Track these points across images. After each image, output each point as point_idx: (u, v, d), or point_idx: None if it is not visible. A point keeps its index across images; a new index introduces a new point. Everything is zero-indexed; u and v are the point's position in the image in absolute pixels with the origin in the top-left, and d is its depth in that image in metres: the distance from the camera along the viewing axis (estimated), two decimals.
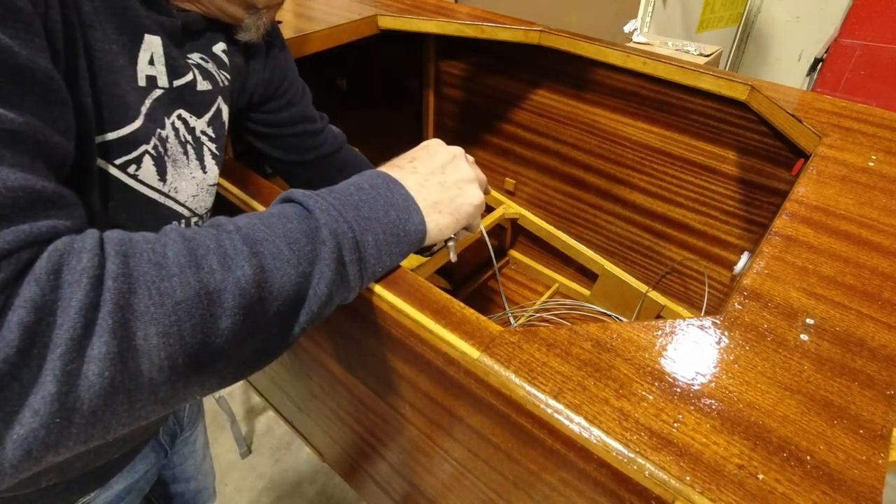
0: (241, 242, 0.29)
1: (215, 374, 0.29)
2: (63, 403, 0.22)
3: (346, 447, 0.76)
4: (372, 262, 0.36)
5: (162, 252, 0.27)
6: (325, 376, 0.62)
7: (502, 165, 1.12)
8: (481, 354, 0.34)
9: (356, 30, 0.89)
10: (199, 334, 0.26)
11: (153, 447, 0.58)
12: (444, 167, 0.42)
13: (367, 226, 0.35)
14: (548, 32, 0.86)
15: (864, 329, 0.36)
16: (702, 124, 0.79)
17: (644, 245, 0.97)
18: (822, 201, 0.48)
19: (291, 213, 0.33)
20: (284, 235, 0.31)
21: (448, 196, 0.41)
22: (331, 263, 0.32)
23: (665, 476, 0.28)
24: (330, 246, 0.33)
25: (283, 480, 1.30)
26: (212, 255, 0.28)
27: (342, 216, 0.34)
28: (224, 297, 0.27)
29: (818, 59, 1.65)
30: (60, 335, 0.22)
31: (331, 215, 0.33)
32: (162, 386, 0.26)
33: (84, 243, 0.24)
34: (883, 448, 0.29)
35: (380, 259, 0.36)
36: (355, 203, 0.36)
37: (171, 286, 0.25)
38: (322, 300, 0.32)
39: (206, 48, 0.47)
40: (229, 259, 0.28)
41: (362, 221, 0.35)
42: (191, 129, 0.43)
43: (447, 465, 0.49)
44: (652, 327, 0.36)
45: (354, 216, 0.35)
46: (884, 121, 0.61)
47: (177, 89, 0.41)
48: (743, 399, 0.31)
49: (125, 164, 0.37)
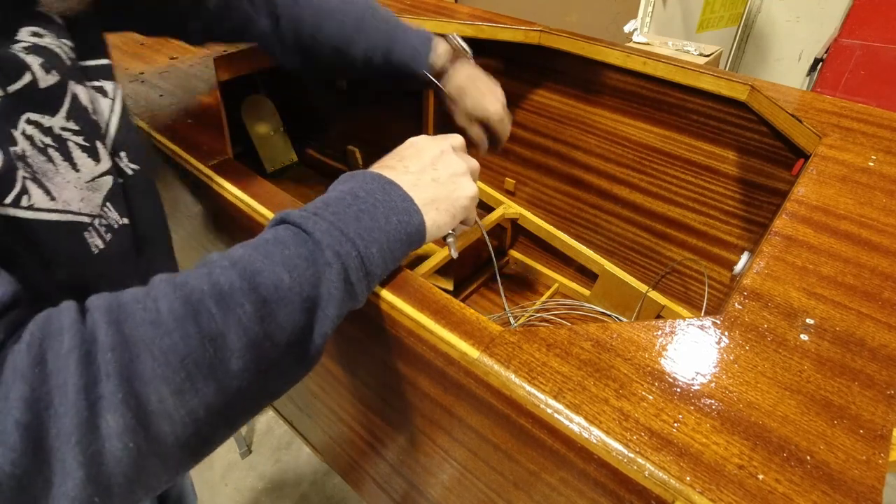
0: (238, 278, 0.28)
1: (240, 413, 0.28)
2: (97, 483, 0.22)
3: (346, 447, 0.76)
4: (378, 273, 0.36)
5: (155, 308, 0.25)
6: (324, 376, 0.62)
7: (502, 165, 1.12)
8: (481, 354, 0.34)
9: None
10: (213, 381, 0.26)
11: None
12: (435, 163, 0.41)
13: (370, 237, 0.34)
14: (548, 32, 0.86)
15: (865, 329, 0.36)
16: (702, 124, 0.79)
17: (644, 245, 0.97)
18: (822, 201, 0.48)
19: (288, 237, 0.32)
20: (283, 263, 0.30)
21: (443, 192, 0.40)
22: (338, 284, 0.32)
23: (665, 476, 0.28)
24: (336, 268, 0.32)
25: (283, 480, 1.30)
26: (207, 298, 0.27)
27: (343, 234, 0.33)
28: (229, 340, 0.26)
29: (818, 59, 1.65)
30: (67, 423, 0.21)
31: (332, 235, 0.32)
32: (191, 439, 0.25)
33: (62, 321, 0.23)
34: (883, 448, 0.29)
35: (385, 268, 0.36)
36: (355, 214, 0.34)
37: (172, 342, 0.25)
38: (333, 321, 0.32)
39: (30, 15, 0.36)
40: (227, 298, 0.27)
41: (365, 234, 0.34)
42: (47, 129, 0.36)
43: (447, 466, 0.49)
44: (652, 327, 0.36)
45: (356, 230, 0.34)
46: (884, 121, 0.61)
47: (13, 95, 0.33)
48: (743, 399, 0.31)
49: (15, 199, 0.32)
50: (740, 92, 0.71)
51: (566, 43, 0.85)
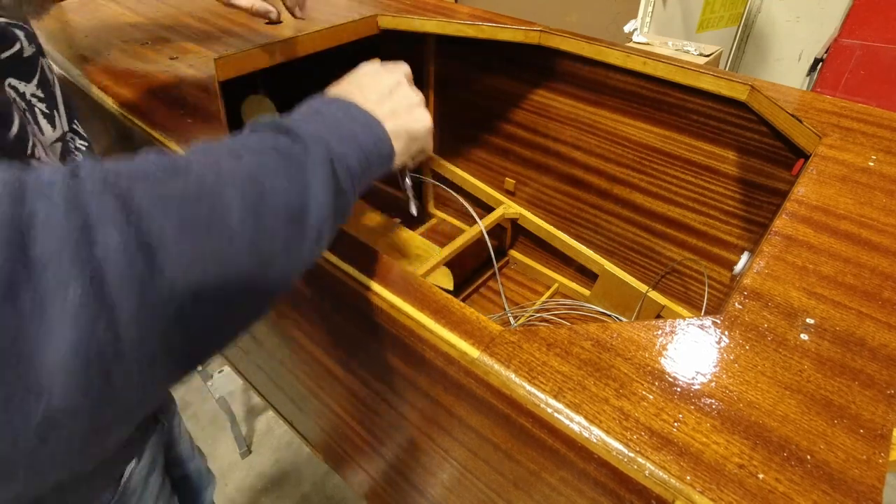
0: (223, 149, 0.28)
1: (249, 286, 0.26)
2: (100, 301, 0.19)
3: (346, 447, 0.76)
4: (358, 172, 0.34)
5: (143, 163, 0.24)
6: (324, 376, 0.62)
7: (502, 165, 1.12)
8: (481, 354, 0.34)
9: (356, 30, 0.89)
10: (216, 232, 0.24)
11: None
12: (393, 93, 0.42)
13: (341, 135, 0.34)
14: (548, 32, 0.86)
15: (865, 329, 0.36)
16: (702, 124, 0.79)
17: (644, 245, 0.97)
18: (822, 201, 0.48)
19: (261, 133, 0.31)
20: (259, 147, 0.29)
21: (401, 123, 0.40)
22: (324, 164, 0.31)
23: (665, 475, 0.28)
24: (314, 151, 0.31)
25: (283, 480, 1.30)
26: (193, 164, 0.25)
27: (316, 129, 0.33)
28: (225, 191, 0.25)
29: (818, 59, 1.65)
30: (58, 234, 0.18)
31: (304, 127, 0.32)
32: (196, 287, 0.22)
33: (41, 173, 0.20)
34: (883, 447, 0.29)
35: (368, 169, 0.35)
36: (319, 121, 0.34)
37: (166, 187, 0.23)
38: (324, 202, 0.30)
39: None
40: (212, 161, 0.26)
41: (335, 132, 0.33)
42: (21, 94, 0.41)
43: (447, 465, 0.49)
44: (652, 327, 0.36)
45: (325, 129, 0.33)
46: (884, 121, 0.61)
47: (4, 61, 0.39)
48: (743, 399, 0.31)
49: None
50: (740, 92, 0.71)
51: (566, 43, 0.85)
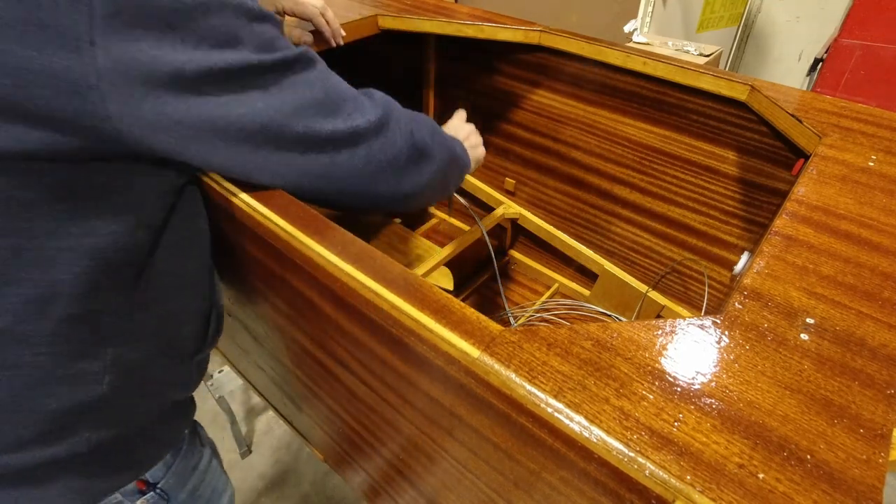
0: (447, 141, 0.60)
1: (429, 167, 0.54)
2: (410, 143, 0.51)
3: (346, 447, 0.76)
4: (463, 175, 0.65)
5: (425, 120, 0.56)
6: (324, 376, 0.62)
7: (502, 165, 1.12)
8: (481, 354, 0.34)
9: (356, 30, 0.89)
10: (421, 147, 0.52)
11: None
12: (469, 136, 0.72)
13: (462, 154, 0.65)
14: (548, 32, 0.86)
15: (865, 328, 0.36)
16: (702, 124, 0.79)
17: (644, 245, 0.97)
18: (822, 201, 0.48)
19: (452, 141, 0.62)
20: (452, 149, 0.60)
21: (474, 152, 0.70)
22: (463, 167, 0.65)
23: (665, 475, 0.28)
24: (464, 160, 0.65)
25: (283, 480, 1.30)
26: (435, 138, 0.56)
27: (456, 149, 0.63)
28: (448, 169, 0.59)
29: (818, 59, 1.65)
30: (401, 122, 0.50)
31: (459, 148, 0.64)
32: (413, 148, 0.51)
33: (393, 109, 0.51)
34: (883, 447, 0.29)
35: (464, 171, 0.66)
36: (457, 144, 0.64)
37: (418, 138, 0.52)
38: (460, 170, 0.64)
39: None
40: (444, 145, 0.59)
41: (464, 153, 0.65)
42: None
43: (447, 465, 0.49)
44: (652, 327, 0.36)
45: (461, 150, 0.64)
46: (884, 121, 0.61)
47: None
48: (743, 398, 0.31)
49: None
50: (740, 92, 0.71)
51: (566, 43, 0.85)
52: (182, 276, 0.51)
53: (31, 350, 0.41)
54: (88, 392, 0.44)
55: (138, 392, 0.49)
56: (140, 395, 0.49)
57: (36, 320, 0.40)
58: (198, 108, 0.38)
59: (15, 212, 0.37)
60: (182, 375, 0.55)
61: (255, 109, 0.40)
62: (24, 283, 0.39)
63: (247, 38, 0.39)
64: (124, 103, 0.35)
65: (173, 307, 0.51)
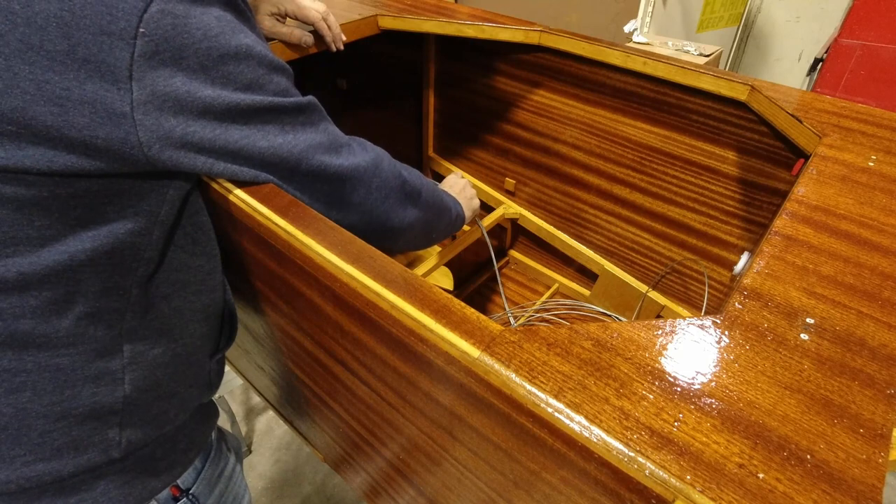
0: (438, 193, 0.69)
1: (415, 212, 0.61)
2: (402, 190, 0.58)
3: (346, 447, 0.76)
4: (458, 224, 0.74)
5: (411, 171, 0.62)
6: (324, 376, 0.62)
7: (502, 165, 1.12)
8: (482, 354, 0.34)
9: (356, 30, 0.89)
10: (409, 189, 0.59)
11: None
12: (463, 189, 0.82)
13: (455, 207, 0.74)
14: (548, 32, 0.86)
15: (864, 328, 0.36)
16: (702, 124, 0.79)
17: (644, 245, 0.97)
18: (822, 201, 0.48)
19: (443, 194, 0.71)
20: (443, 201, 0.70)
21: (468, 204, 0.81)
22: (457, 218, 0.73)
23: (665, 475, 0.28)
24: (457, 211, 0.74)
25: (283, 480, 1.30)
26: (424, 187, 0.63)
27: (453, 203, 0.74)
28: (440, 215, 0.68)
29: (818, 59, 1.65)
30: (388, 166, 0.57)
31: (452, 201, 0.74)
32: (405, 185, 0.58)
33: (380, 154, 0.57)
34: (883, 447, 0.29)
35: (458, 221, 0.75)
36: (450, 198, 0.74)
37: (408, 180, 0.59)
38: (451, 219, 0.72)
39: None
40: (434, 195, 0.66)
41: (455, 206, 0.74)
42: None
43: (447, 465, 0.49)
44: (652, 327, 0.36)
45: (454, 203, 0.74)
46: (884, 121, 0.62)
47: None
48: (743, 398, 0.31)
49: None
50: (740, 92, 0.71)
51: (566, 43, 0.85)
52: (192, 271, 0.52)
53: (51, 352, 0.42)
54: (112, 392, 0.45)
55: (161, 393, 0.50)
56: (163, 397, 0.50)
57: (55, 321, 0.42)
58: (224, 137, 0.43)
59: (34, 217, 0.39)
60: (202, 377, 0.56)
61: (274, 144, 0.46)
62: (44, 286, 0.40)
63: (266, 85, 0.45)
64: (155, 130, 0.39)
65: (186, 303, 0.52)
